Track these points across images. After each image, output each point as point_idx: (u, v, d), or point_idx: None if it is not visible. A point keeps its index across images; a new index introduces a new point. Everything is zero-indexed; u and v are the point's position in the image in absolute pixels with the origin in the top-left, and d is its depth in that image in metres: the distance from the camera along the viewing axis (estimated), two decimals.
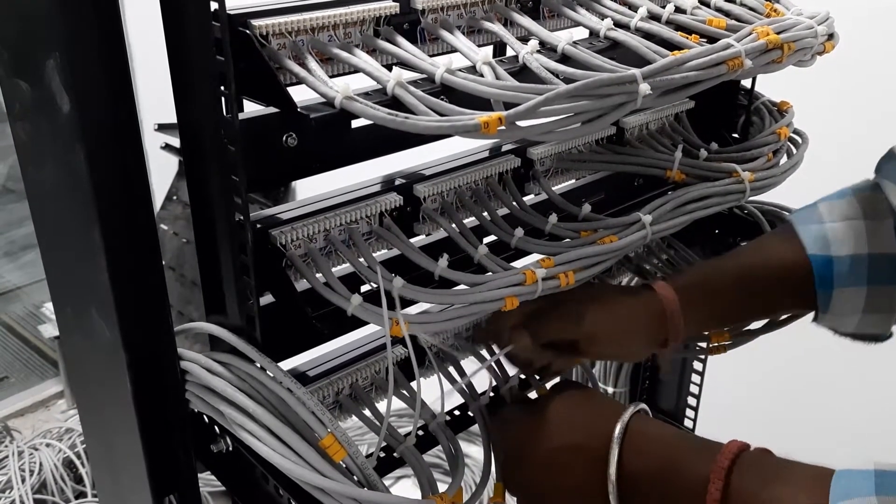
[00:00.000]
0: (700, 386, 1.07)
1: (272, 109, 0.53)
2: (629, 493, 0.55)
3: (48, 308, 2.62)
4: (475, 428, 0.69)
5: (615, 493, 0.55)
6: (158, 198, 2.51)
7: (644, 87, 0.53)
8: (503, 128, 0.49)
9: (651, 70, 0.54)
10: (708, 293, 0.71)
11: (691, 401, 1.09)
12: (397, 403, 0.67)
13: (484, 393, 0.69)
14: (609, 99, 0.53)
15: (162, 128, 2.50)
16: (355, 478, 0.52)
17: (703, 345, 0.78)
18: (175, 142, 2.55)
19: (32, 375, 2.65)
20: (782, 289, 0.72)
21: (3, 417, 2.36)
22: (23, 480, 1.96)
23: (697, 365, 1.08)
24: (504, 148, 0.73)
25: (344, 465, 0.52)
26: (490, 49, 0.65)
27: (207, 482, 1.85)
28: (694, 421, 1.10)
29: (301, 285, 0.57)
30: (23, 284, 2.93)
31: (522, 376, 0.72)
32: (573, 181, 0.79)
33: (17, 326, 2.84)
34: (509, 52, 0.64)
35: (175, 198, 2.58)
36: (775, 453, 0.54)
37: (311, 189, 0.64)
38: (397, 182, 0.65)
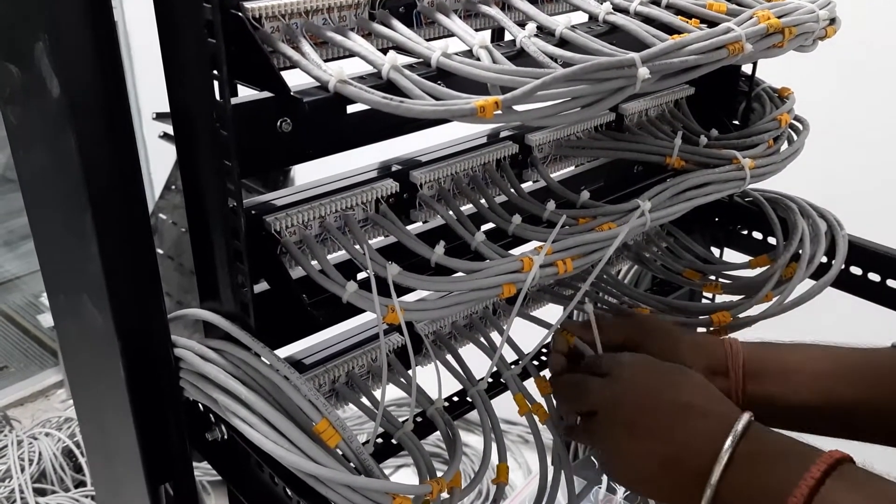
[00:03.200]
0: None
1: (265, 94, 0.52)
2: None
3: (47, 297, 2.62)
4: (473, 416, 0.69)
5: (710, 500, 0.54)
6: (157, 187, 2.50)
7: (643, 72, 0.52)
8: (499, 112, 0.48)
9: (650, 54, 0.54)
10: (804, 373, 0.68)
11: None
12: (397, 392, 0.67)
13: (482, 379, 0.68)
14: (607, 83, 0.52)
15: (160, 116, 2.49)
16: (352, 464, 0.52)
17: (704, 329, 0.78)
18: (171, 130, 2.54)
19: (32, 365, 2.65)
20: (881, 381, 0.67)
21: (2, 407, 2.36)
22: (22, 470, 1.97)
23: None
24: (502, 134, 0.72)
25: (340, 453, 0.52)
26: (488, 33, 0.64)
27: (206, 471, 1.85)
28: None
29: (296, 272, 0.57)
30: (22, 274, 2.93)
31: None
32: (571, 168, 0.79)
33: (16, 316, 2.84)
34: (507, 37, 0.63)
35: (174, 187, 2.57)
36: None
37: (310, 176, 0.63)
38: (393, 168, 0.64)
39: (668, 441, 0.57)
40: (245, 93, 0.53)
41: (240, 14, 0.48)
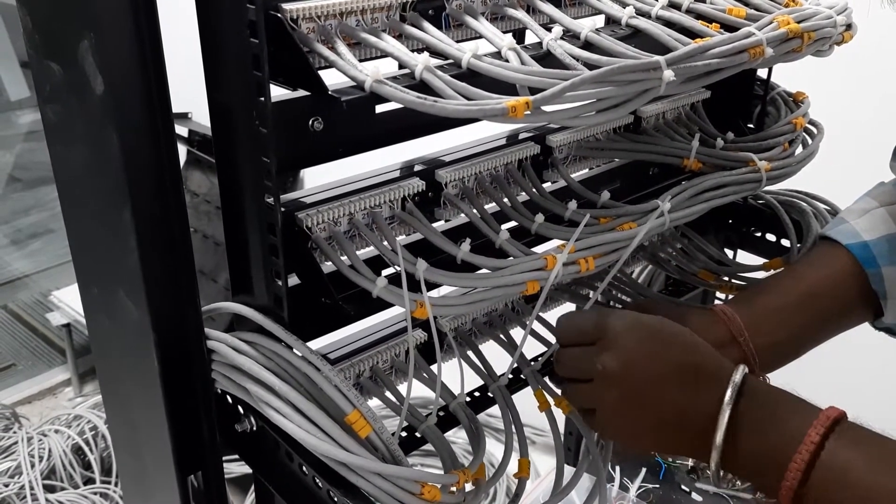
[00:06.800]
0: None
1: (300, 93, 0.53)
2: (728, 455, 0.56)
3: (56, 296, 2.63)
4: (484, 420, 0.70)
5: (718, 459, 0.55)
6: None
7: (668, 74, 0.54)
8: (529, 112, 0.49)
9: (675, 57, 0.55)
10: (773, 316, 0.71)
11: None
12: (417, 390, 0.68)
13: (503, 374, 0.70)
14: (633, 85, 0.53)
15: (174, 117, 2.50)
16: (381, 454, 0.53)
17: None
18: (184, 131, 2.56)
19: (40, 363, 2.67)
20: (840, 290, 0.72)
21: (10, 404, 2.37)
22: (32, 466, 1.98)
23: None
24: (522, 135, 0.73)
25: (370, 443, 0.53)
26: (509, 35, 0.66)
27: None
28: None
29: (325, 268, 0.58)
30: (30, 272, 2.95)
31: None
32: (587, 170, 0.80)
33: (24, 314, 2.85)
34: (529, 40, 0.65)
35: (184, 187, 2.59)
36: None
37: (319, 178, 0.64)
38: (418, 168, 0.66)
39: (668, 404, 0.58)
40: (274, 92, 0.54)
41: (278, 15, 0.50)
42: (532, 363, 0.72)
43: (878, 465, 0.50)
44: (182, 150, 2.59)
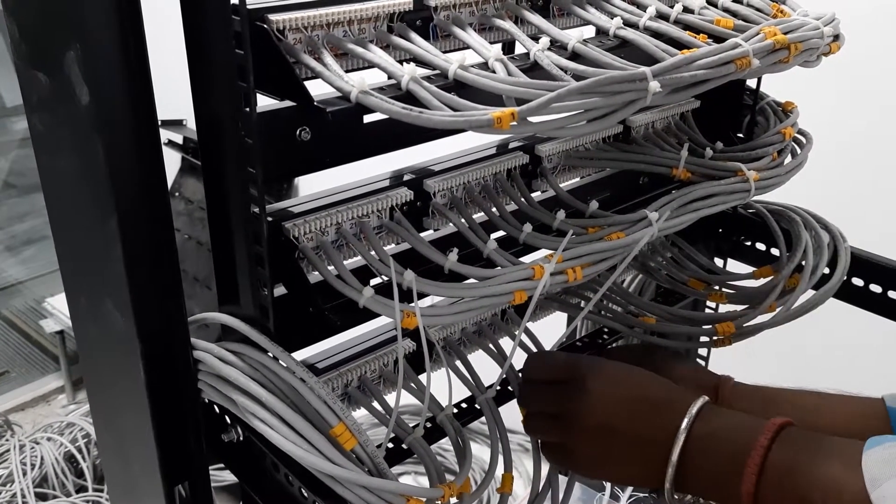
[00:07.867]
0: None
1: (286, 103, 0.53)
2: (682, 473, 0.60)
3: (50, 303, 2.63)
4: (475, 426, 0.70)
5: (672, 478, 0.59)
6: None
7: (654, 85, 0.54)
8: (515, 123, 0.49)
9: (661, 68, 0.55)
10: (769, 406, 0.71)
11: None
12: (404, 399, 0.68)
13: (491, 386, 0.69)
14: (619, 96, 0.53)
15: (164, 124, 2.51)
16: (365, 467, 0.53)
17: (707, 338, 0.79)
18: (178, 138, 2.56)
19: (33, 370, 2.66)
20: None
21: (3, 412, 2.37)
22: (24, 474, 1.97)
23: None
24: (512, 145, 0.73)
25: (354, 455, 0.53)
26: (498, 46, 0.66)
27: (212, 477, 1.86)
28: None
29: (312, 278, 0.58)
30: (24, 279, 2.94)
31: None
32: (577, 179, 0.80)
33: (18, 321, 2.85)
34: (518, 50, 0.65)
35: (177, 194, 2.59)
36: None
37: (313, 186, 0.64)
38: (407, 177, 0.66)
39: (632, 437, 0.62)
40: (262, 102, 0.54)
41: (264, 26, 0.50)
42: (521, 373, 0.72)
43: (818, 459, 0.55)
44: (176, 157, 2.59)
